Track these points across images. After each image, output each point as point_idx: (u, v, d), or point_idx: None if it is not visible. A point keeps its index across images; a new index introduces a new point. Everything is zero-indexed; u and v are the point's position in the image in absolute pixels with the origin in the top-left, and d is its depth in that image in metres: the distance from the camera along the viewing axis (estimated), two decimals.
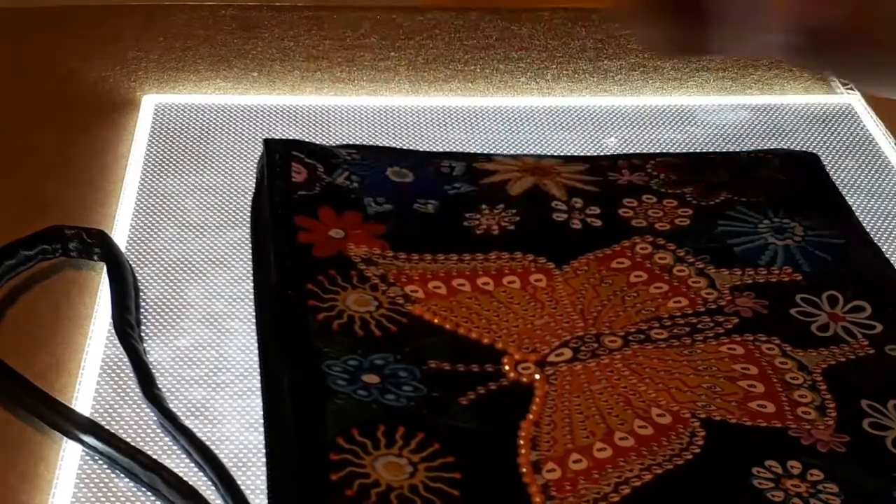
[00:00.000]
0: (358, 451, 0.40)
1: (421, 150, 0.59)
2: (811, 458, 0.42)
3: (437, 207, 0.51)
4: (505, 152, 0.59)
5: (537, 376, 0.45)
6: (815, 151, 0.59)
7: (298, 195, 0.51)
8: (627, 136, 0.63)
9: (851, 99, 0.67)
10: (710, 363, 0.46)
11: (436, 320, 0.46)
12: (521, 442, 0.42)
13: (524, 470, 0.41)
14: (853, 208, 0.56)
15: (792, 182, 0.56)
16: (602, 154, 0.59)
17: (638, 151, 0.61)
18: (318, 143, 0.57)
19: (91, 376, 0.47)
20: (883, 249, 0.53)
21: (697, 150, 0.60)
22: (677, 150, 0.60)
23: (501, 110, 0.64)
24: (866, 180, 0.61)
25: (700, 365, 0.46)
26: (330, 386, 0.42)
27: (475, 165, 0.55)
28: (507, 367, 0.45)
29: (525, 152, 0.60)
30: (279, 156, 0.53)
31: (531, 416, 0.43)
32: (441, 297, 0.47)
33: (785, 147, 0.60)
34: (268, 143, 0.54)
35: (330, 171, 0.52)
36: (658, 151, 0.60)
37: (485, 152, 0.60)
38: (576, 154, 0.60)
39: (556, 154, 0.59)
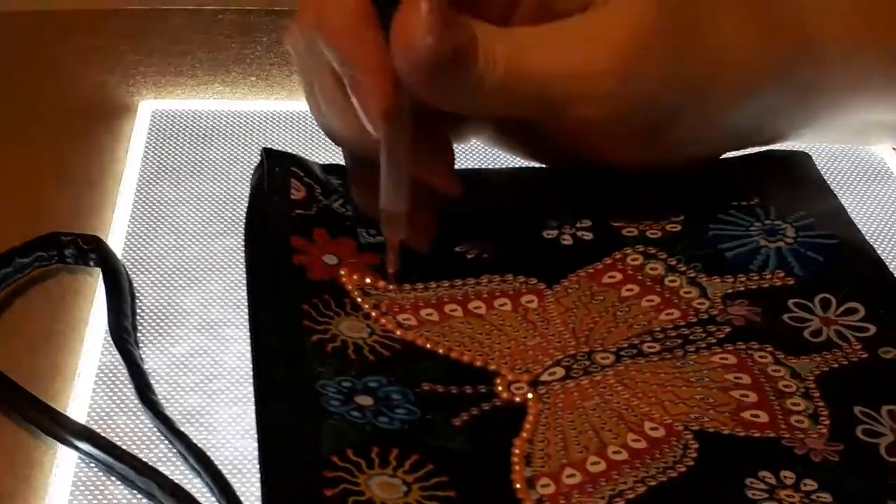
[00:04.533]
0: (352, 469, 0.40)
1: None
2: (805, 467, 0.42)
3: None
4: (502, 154, 0.59)
5: (530, 395, 0.45)
6: (810, 153, 0.59)
7: (296, 213, 0.51)
8: None
9: None
10: (703, 374, 0.46)
11: (428, 345, 0.47)
12: (515, 459, 0.42)
13: (518, 486, 0.41)
14: (848, 209, 0.56)
15: (783, 182, 0.56)
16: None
17: None
18: (313, 152, 0.57)
19: (87, 382, 0.47)
20: (878, 250, 0.53)
21: None
22: None
23: None
24: (862, 181, 0.61)
25: (692, 376, 0.46)
26: (324, 406, 0.42)
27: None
28: (500, 388, 0.45)
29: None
30: (279, 169, 0.53)
31: (525, 434, 0.43)
32: (433, 323, 0.47)
33: (780, 149, 0.60)
34: (267, 153, 0.54)
35: (327, 195, 0.52)
36: None
37: (481, 155, 0.60)
38: None
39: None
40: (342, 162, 0.54)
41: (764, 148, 0.57)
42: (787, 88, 0.50)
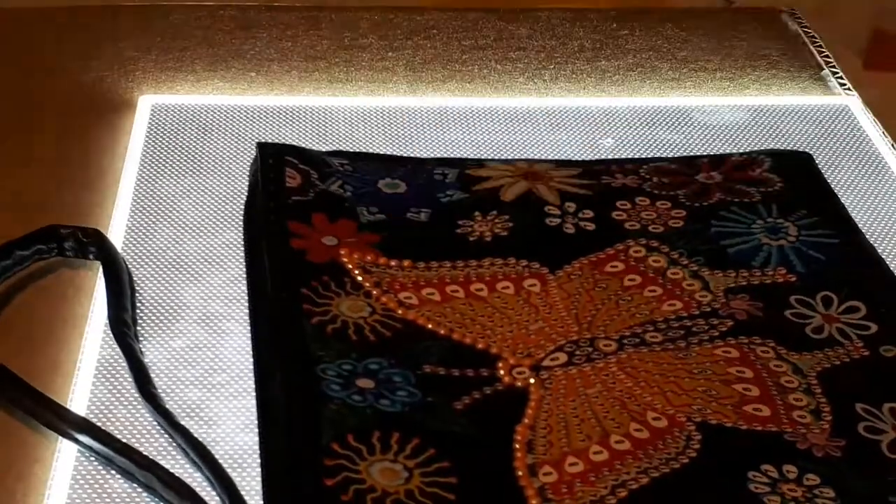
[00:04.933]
0: (353, 456, 0.40)
1: (418, 151, 0.59)
2: (807, 462, 0.42)
3: (430, 216, 0.51)
4: (502, 152, 0.59)
5: (532, 380, 0.45)
6: (811, 152, 0.59)
7: (292, 200, 0.51)
8: (624, 136, 0.63)
9: (849, 100, 0.67)
10: (706, 366, 0.46)
11: (430, 325, 0.46)
12: (517, 446, 0.42)
13: (520, 473, 0.41)
14: (849, 209, 0.56)
15: (785, 181, 0.56)
16: (595, 158, 0.59)
17: (635, 152, 0.61)
18: (313, 146, 0.56)
19: (87, 376, 0.47)
20: (879, 250, 0.53)
21: (694, 151, 0.60)
22: (674, 151, 0.60)
23: (499, 110, 0.64)
24: (863, 181, 0.61)
25: (695, 368, 0.46)
26: (324, 391, 0.42)
27: (467, 172, 0.55)
28: (501, 372, 0.45)
29: (522, 152, 0.60)
30: (272, 160, 0.53)
31: (526, 420, 0.43)
32: (435, 303, 0.47)
33: (782, 148, 0.60)
34: (261, 146, 0.54)
35: (323, 179, 0.52)
36: (655, 152, 0.60)
37: (482, 152, 0.60)
38: (572, 153, 0.60)
39: (552, 155, 0.59)
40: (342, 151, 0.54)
41: (765, 148, 0.57)
42: None
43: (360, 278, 0.48)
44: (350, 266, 0.48)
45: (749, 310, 0.48)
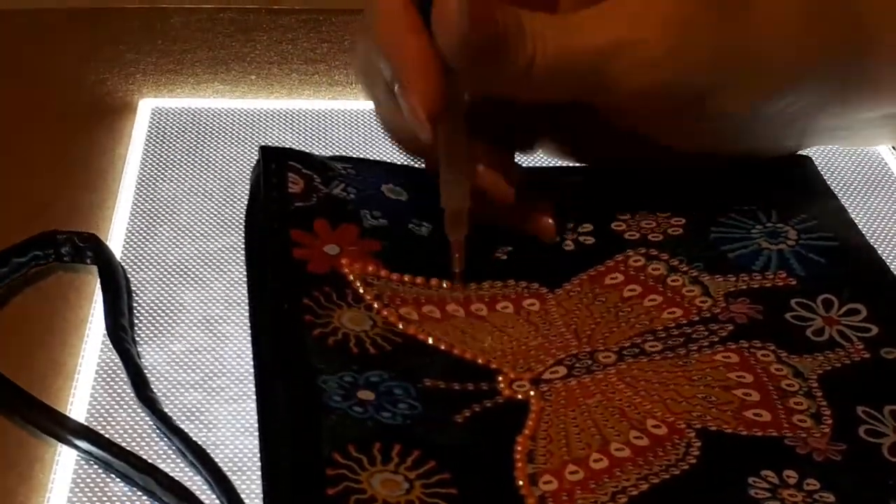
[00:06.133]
0: (354, 466, 0.40)
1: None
2: (808, 467, 0.42)
3: (430, 231, 0.51)
4: None
5: (532, 393, 0.45)
6: (810, 154, 0.59)
7: (295, 207, 0.50)
8: None
9: None
10: (705, 373, 0.45)
11: (430, 341, 0.46)
12: (518, 456, 0.42)
13: (521, 483, 0.41)
14: (849, 210, 0.55)
15: (784, 185, 0.56)
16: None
17: None
18: (313, 150, 0.56)
19: (87, 380, 0.47)
20: (879, 251, 0.53)
21: None
22: None
23: None
24: (863, 182, 0.61)
25: (695, 375, 0.45)
26: (325, 402, 0.42)
27: None
28: (501, 385, 0.45)
29: (523, 156, 0.60)
30: (275, 165, 0.52)
31: (527, 431, 0.43)
32: (435, 320, 0.47)
33: None
34: (264, 150, 0.54)
35: (326, 183, 0.52)
36: None
37: None
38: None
39: (553, 161, 0.59)
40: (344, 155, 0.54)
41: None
42: (829, 81, 0.50)
43: (361, 290, 0.47)
44: (351, 277, 0.48)
45: (749, 313, 0.48)
